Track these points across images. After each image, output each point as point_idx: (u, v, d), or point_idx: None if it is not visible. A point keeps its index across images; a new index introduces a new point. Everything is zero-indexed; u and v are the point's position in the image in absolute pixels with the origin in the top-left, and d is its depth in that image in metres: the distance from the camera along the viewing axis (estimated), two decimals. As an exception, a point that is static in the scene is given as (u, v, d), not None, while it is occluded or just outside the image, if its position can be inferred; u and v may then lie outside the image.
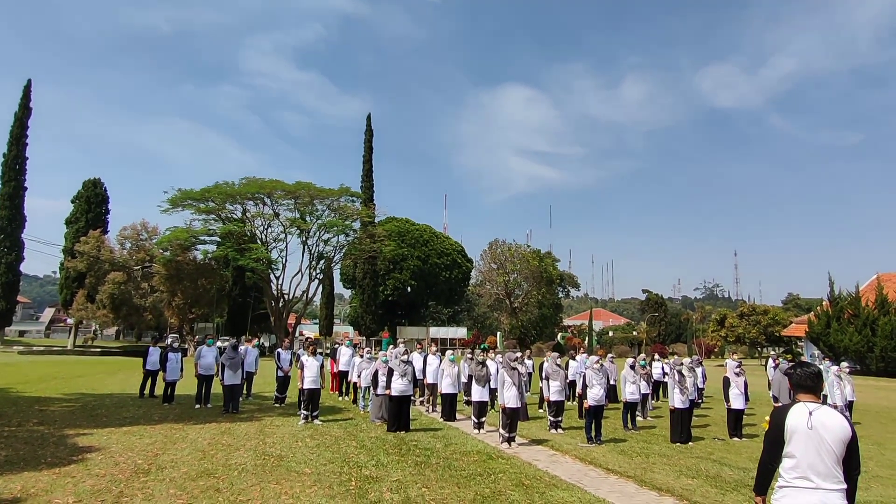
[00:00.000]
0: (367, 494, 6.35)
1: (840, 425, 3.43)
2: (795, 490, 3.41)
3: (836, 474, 3.37)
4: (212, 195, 41.28)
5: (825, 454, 3.38)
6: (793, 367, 3.75)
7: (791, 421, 3.51)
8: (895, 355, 31.85)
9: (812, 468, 3.39)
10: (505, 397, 9.63)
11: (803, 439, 3.44)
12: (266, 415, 12.39)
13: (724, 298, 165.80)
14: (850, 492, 3.41)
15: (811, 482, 3.37)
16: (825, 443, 3.39)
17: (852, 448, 3.41)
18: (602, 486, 7.17)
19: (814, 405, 3.54)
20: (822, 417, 3.46)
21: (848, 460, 3.40)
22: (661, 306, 66.40)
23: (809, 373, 3.64)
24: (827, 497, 3.33)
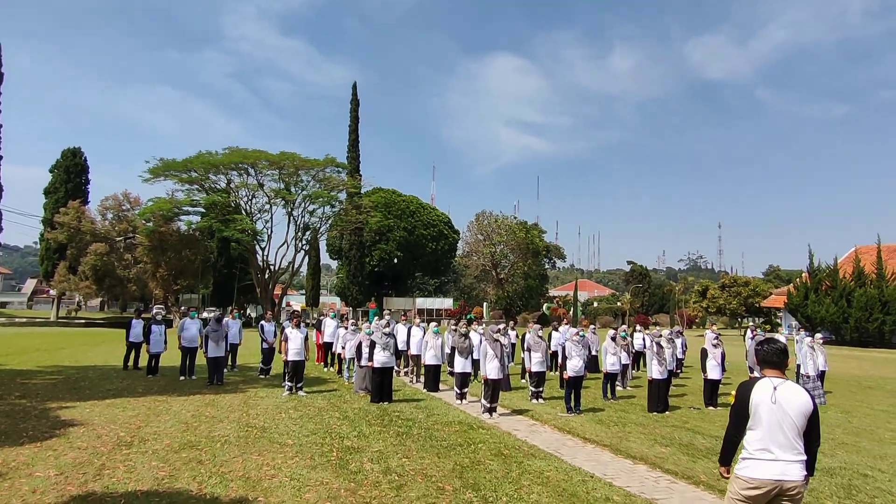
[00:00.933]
0: (347, 465, 6.47)
1: (802, 400, 3.55)
2: (757, 461, 3.55)
3: (797, 446, 3.51)
4: (194, 165, 40.58)
5: (787, 427, 3.51)
6: (760, 344, 3.86)
7: (755, 395, 3.64)
8: (868, 326, 32.70)
9: (774, 440, 3.52)
10: (487, 368, 9.77)
11: (766, 413, 3.56)
12: (250, 386, 12.48)
13: (707, 270, 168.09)
14: (810, 462, 3.57)
15: (772, 454, 3.51)
16: (787, 417, 3.51)
17: (813, 421, 3.55)
18: (578, 455, 7.36)
19: (778, 380, 3.66)
20: (785, 392, 3.58)
21: (809, 433, 3.55)
22: (644, 277, 67.23)
23: (775, 349, 3.75)
24: (787, 468, 3.48)
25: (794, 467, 3.49)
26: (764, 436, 3.57)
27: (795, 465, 3.50)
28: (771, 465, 3.51)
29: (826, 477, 6.72)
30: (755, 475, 3.53)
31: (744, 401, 3.69)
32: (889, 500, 5.91)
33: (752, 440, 3.63)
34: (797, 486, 3.47)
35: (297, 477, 5.97)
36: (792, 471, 3.49)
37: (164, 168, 40.34)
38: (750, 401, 3.65)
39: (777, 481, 3.47)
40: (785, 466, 3.49)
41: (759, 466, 3.54)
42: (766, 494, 3.51)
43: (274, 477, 5.97)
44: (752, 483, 3.53)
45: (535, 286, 64.41)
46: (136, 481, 5.67)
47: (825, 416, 10.85)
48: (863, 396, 13.96)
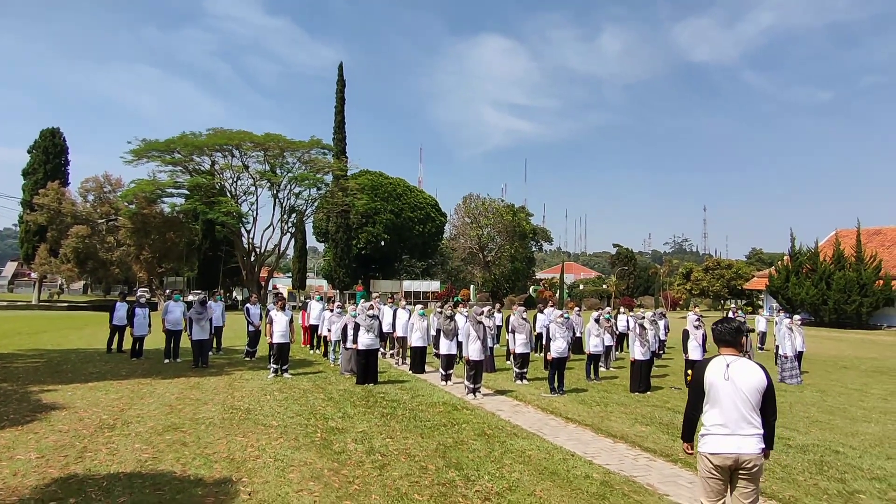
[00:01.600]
0: (331, 445, 6.52)
1: (755, 376, 3.67)
2: (715, 437, 3.69)
3: (752, 421, 3.63)
4: (177, 146, 39.93)
5: (740, 403, 3.63)
6: (716, 323, 3.97)
7: (709, 374, 3.76)
8: (846, 308, 33.39)
9: (728, 416, 3.65)
10: (470, 350, 9.86)
11: (720, 390, 3.69)
12: (236, 369, 12.47)
13: (692, 253, 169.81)
14: (768, 435, 3.71)
15: (728, 429, 3.65)
16: (740, 392, 3.63)
17: (768, 396, 3.68)
18: (560, 435, 7.49)
19: (732, 358, 3.77)
20: (738, 369, 3.70)
21: (765, 407, 3.68)
22: (630, 260, 67.83)
23: (729, 328, 3.86)
24: (743, 442, 3.61)
25: (749, 441, 3.62)
26: (719, 412, 3.70)
27: (751, 439, 3.63)
28: (727, 439, 3.65)
29: (800, 454, 6.91)
30: (713, 450, 3.67)
31: (699, 379, 3.83)
32: (858, 476, 6.09)
33: (709, 417, 3.77)
34: (753, 459, 3.61)
35: (282, 457, 6.02)
36: (748, 445, 3.62)
37: (147, 149, 39.64)
38: (705, 379, 3.77)
39: (734, 455, 3.61)
40: (740, 440, 3.62)
41: (716, 441, 3.68)
42: (726, 468, 3.66)
43: (258, 458, 6.00)
44: (713, 458, 3.67)
45: (522, 269, 64.74)
46: (118, 463, 5.68)
47: (801, 396, 11.13)
48: (838, 376, 14.31)
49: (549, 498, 5.05)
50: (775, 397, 3.81)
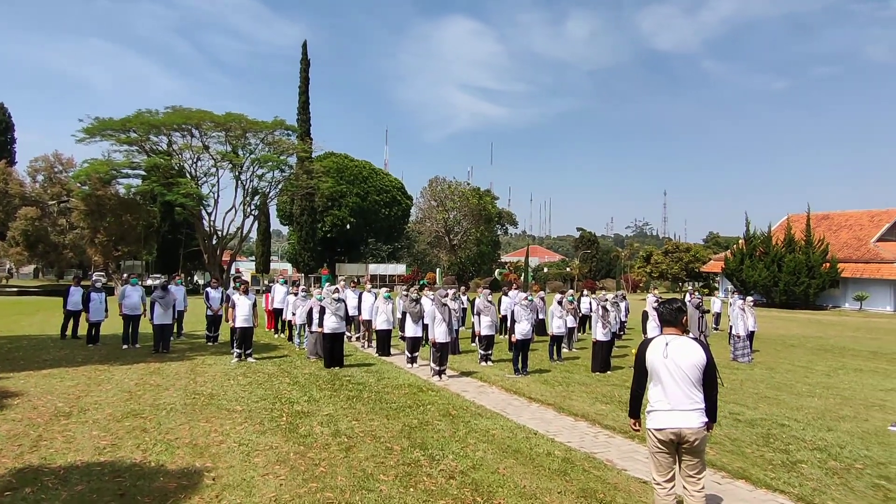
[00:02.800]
0: (297, 429, 6.52)
1: (694, 353, 3.85)
2: (658, 413, 3.89)
3: (693, 396, 3.83)
4: (133, 125, 38.36)
5: (680, 380, 3.82)
6: (660, 304, 4.14)
7: (650, 353, 3.95)
8: (796, 289, 34.89)
9: (670, 393, 3.85)
10: (435, 332, 9.95)
11: (662, 368, 3.87)
12: (198, 354, 12.26)
13: (652, 236, 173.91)
14: (710, 409, 3.90)
15: (670, 405, 3.85)
16: (680, 369, 3.82)
17: (707, 371, 3.87)
18: (523, 414, 7.67)
19: (672, 337, 3.94)
20: (677, 347, 3.88)
21: (705, 383, 3.87)
22: (593, 244, 69.04)
23: (671, 308, 4.03)
24: (685, 416, 3.81)
25: (691, 416, 3.82)
26: (662, 390, 3.90)
27: (693, 413, 3.83)
28: (669, 415, 3.84)
29: (748, 427, 7.26)
30: (658, 426, 3.87)
31: (641, 358, 4.03)
32: (801, 447, 6.45)
33: (652, 394, 3.96)
34: (695, 433, 3.80)
35: (246, 442, 5.99)
36: (689, 419, 3.82)
37: (100, 127, 37.97)
38: (646, 358, 3.95)
39: (677, 429, 3.80)
40: (682, 416, 3.82)
41: (660, 417, 3.87)
42: (671, 443, 3.87)
43: (222, 443, 5.96)
44: (658, 433, 3.87)
45: (488, 252, 65.17)
46: (75, 451, 5.55)
47: (752, 373, 11.64)
48: (786, 354, 15.01)
49: (513, 475, 5.20)
50: (715, 373, 4.00)
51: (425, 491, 4.75)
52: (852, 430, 7.31)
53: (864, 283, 35.29)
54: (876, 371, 12.49)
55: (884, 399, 9.34)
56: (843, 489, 5.14)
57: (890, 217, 38.60)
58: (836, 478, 5.43)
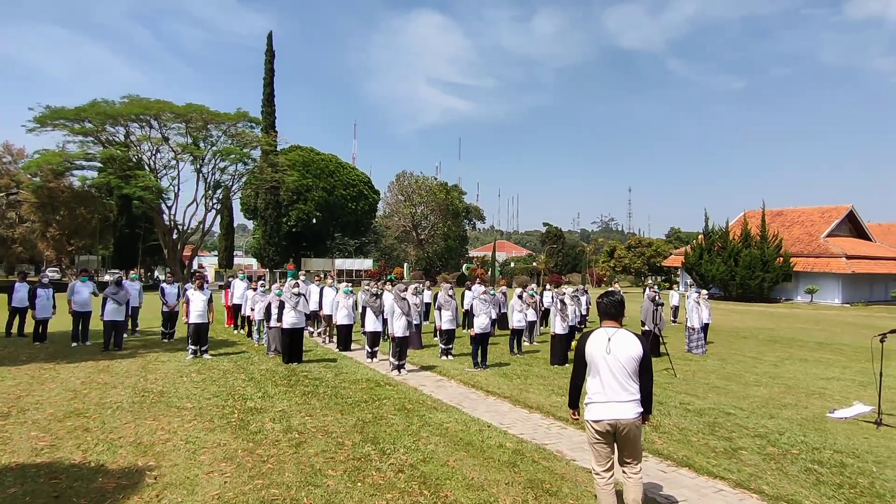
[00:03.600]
0: (248, 425, 6.42)
1: (631, 345, 3.96)
2: (596, 405, 3.97)
3: (629, 388, 3.93)
4: (88, 114, 37.01)
5: (618, 371, 3.92)
6: (600, 297, 4.22)
7: (591, 346, 4.02)
8: (751, 283, 36.08)
9: (608, 384, 3.94)
10: (394, 327, 9.92)
11: (601, 361, 3.96)
12: (151, 351, 11.94)
13: (617, 231, 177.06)
14: (645, 400, 4.02)
15: (607, 396, 3.93)
16: (618, 361, 3.92)
17: (643, 363, 4.00)
18: (479, 407, 7.72)
19: (613, 330, 4.03)
20: (617, 340, 3.97)
21: (641, 374, 3.99)
22: (559, 239, 69.90)
23: (611, 301, 4.12)
24: (621, 408, 3.91)
25: (626, 407, 3.92)
26: (599, 381, 3.98)
27: (628, 405, 3.93)
28: (606, 406, 3.93)
29: (696, 417, 7.48)
30: (595, 417, 3.95)
31: (581, 351, 4.10)
32: (744, 434, 6.68)
33: (591, 386, 4.04)
34: (630, 424, 3.91)
35: (194, 440, 5.87)
36: (625, 410, 3.92)
37: (53, 117, 36.48)
38: (585, 350, 4.02)
39: (613, 420, 3.90)
40: (618, 407, 3.92)
41: (597, 409, 3.96)
42: (608, 433, 3.96)
43: (168, 441, 5.82)
44: (595, 425, 3.95)
45: (455, 247, 65.29)
46: (10, 453, 5.34)
47: (704, 364, 11.99)
48: (738, 345, 15.51)
49: (462, 467, 5.23)
50: (651, 365, 4.12)
51: (373, 485, 4.74)
52: (792, 417, 7.61)
53: (815, 277, 36.73)
54: (820, 361, 13.02)
55: (824, 387, 9.74)
56: (778, 474, 5.34)
57: (839, 213, 40.25)
58: (772, 463, 5.64)
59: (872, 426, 7.20)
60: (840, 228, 40.17)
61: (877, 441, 6.57)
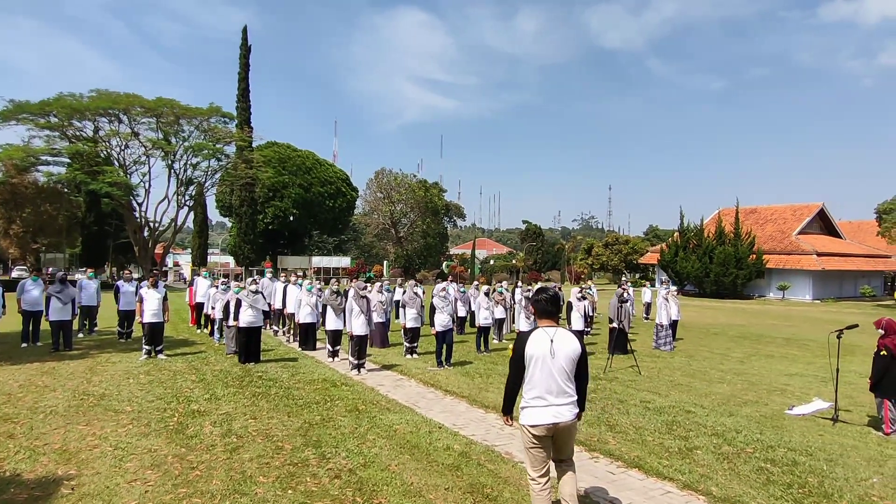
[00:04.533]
0: (186, 430, 6.11)
1: (571, 346, 3.79)
2: (534, 408, 3.77)
3: (567, 389, 3.77)
4: (53, 108, 35.91)
5: (558, 374, 3.73)
6: (535, 293, 4.01)
7: (531, 346, 3.79)
8: (725, 280, 36.47)
9: (546, 388, 3.74)
10: (353, 325, 9.65)
11: (541, 363, 3.75)
12: (105, 352, 11.50)
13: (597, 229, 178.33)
14: (581, 400, 3.88)
15: (546, 400, 3.74)
16: (558, 364, 3.73)
17: (581, 363, 3.84)
18: (435, 408, 7.50)
19: (552, 330, 3.83)
20: (559, 341, 3.77)
21: (578, 374, 3.84)
22: (538, 236, 70.03)
23: (548, 297, 3.91)
24: (559, 410, 3.73)
25: (565, 409, 3.76)
26: (539, 384, 3.77)
27: (566, 406, 3.77)
28: (546, 410, 3.74)
29: (655, 415, 7.35)
30: (534, 421, 3.75)
31: (520, 352, 3.85)
32: (701, 433, 6.56)
33: (528, 389, 3.82)
34: (568, 425, 3.77)
35: (123, 445, 5.55)
36: (563, 412, 3.75)
37: (16, 111, 35.27)
38: (525, 352, 3.80)
39: (552, 424, 3.72)
40: (557, 409, 3.74)
41: (536, 413, 3.76)
42: (547, 438, 3.78)
43: (96, 447, 5.50)
44: (533, 429, 3.75)
45: (435, 244, 65.01)
46: (-82, 462, 4.98)
47: (671, 361, 11.93)
48: (707, 342, 15.53)
49: (403, 472, 5.00)
50: (588, 363, 3.96)
51: (304, 492, 4.49)
52: (751, 414, 7.53)
53: (787, 274, 37.26)
54: (785, 357, 13.07)
55: (786, 384, 9.72)
56: (730, 474, 5.21)
57: (810, 211, 40.90)
58: (725, 463, 5.52)
59: (829, 423, 7.15)
60: (811, 226, 40.82)
61: (831, 438, 6.50)
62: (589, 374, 3.95)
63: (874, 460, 5.74)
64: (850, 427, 7.00)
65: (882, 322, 6.96)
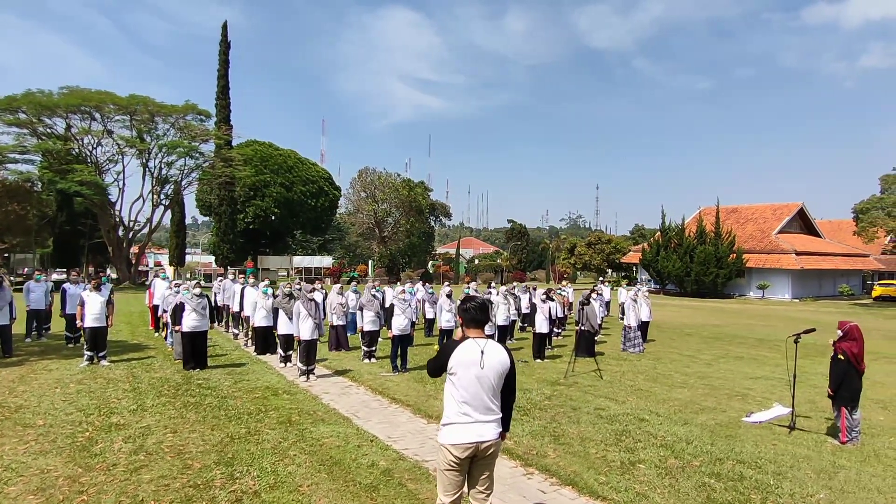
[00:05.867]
0: (93, 446, 5.66)
1: (500, 360, 3.44)
2: (457, 426, 3.41)
3: (493, 406, 3.43)
4: (22, 105, 35.06)
5: (485, 390, 3.39)
6: (462, 302, 3.63)
7: (461, 357, 3.42)
8: (705, 279, 36.41)
9: (472, 404, 3.39)
10: (301, 329, 9.22)
11: (472, 375, 3.38)
12: (46, 358, 10.95)
13: (585, 228, 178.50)
14: (506, 418, 3.56)
15: (470, 417, 3.39)
16: (487, 379, 3.39)
17: (509, 379, 3.52)
18: (374, 418, 7.10)
19: (483, 341, 3.48)
20: (490, 354, 3.43)
21: (505, 389, 3.52)
22: (523, 235, 69.89)
23: (476, 305, 3.54)
24: (483, 429, 3.39)
25: (489, 427, 3.43)
26: (464, 399, 3.41)
27: (491, 425, 3.44)
28: (469, 428, 3.40)
29: (606, 424, 7.01)
30: (455, 440, 3.38)
31: (444, 359, 3.47)
32: (649, 444, 6.22)
33: (452, 404, 3.44)
34: (492, 445, 3.43)
35: (16, 466, 5.09)
36: (487, 431, 3.42)
37: (-19, 107, 34.43)
38: (451, 362, 3.42)
39: (475, 443, 3.37)
40: (481, 428, 3.40)
41: (460, 430, 3.40)
42: (467, 459, 3.42)
43: (-15, 468, 5.03)
44: (454, 449, 3.37)
45: (420, 244, 64.57)
46: None
47: (637, 364, 11.62)
48: (679, 343, 15.26)
49: (313, 494, 4.60)
50: (515, 379, 3.60)
51: (194, 520, 4.07)
52: (706, 422, 7.21)
53: (766, 273, 37.29)
54: (755, 359, 12.82)
55: (749, 388, 9.44)
56: (669, 491, 4.87)
57: (790, 210, 40.99)
58: (667, 479, 5.17)
59: (785, 430, 6.85)
60: (791, 225, 40.91)
61: (784, 447, 6.19)
62: (516, 391, 3.57)
63: (825, 472, 5.43)
64: (806, 435, 6.71)
65: (846, 325, 6.67)
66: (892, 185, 33.27)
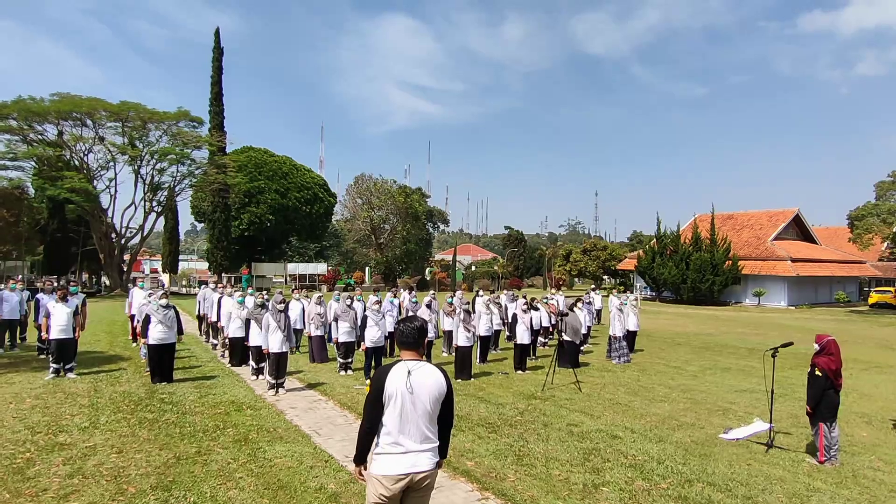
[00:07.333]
0: (28, 469, 5.38)
1: (436, 384, 3.21)
2: (388, 456, 3.15)
3: (429, 434, 3.20)
4: (12, 111, 34.89)
5: (420, 416, 3.15)
6: (398, 323, 3.40)
7: (391, 383, 3.16)
8: (701, 286, 36.12)
9: (405, 431, 3.14)
10: (269, 341, 8.95)
11: (401, 402, 3.14)
12: (13, 370, 10.66)
13: (584, 235, 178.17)
14: (444, 446, 3.32)
15: (403, 446, 3.14)
16: (420, 403, 3.15)
17: (446, 404, 3.28)
18: (336, 435, 6.82)
19: (413, 363, 3.23)
20: (419, 377, 3.19)
21: (443, 416, 3.28)
22: (521, 242, 69.64)
23: (411, 328, 3.32)
24: (417, 458, 3.14)
25: (424, 457, 3.17)
26: (396, 427, 3.15)
27: (426, 454, 3.18)
28: (402, 458, 3.13)
29: (577, 441, 6.74)
30: (387, 471, 3.11)
31: (379, 390, 3.20)
32: (618, 464, 5.95)
33: (384, 433, 3.18)
34: (427, 475, 3.17)
35: (-59, 491, 4.81)
36: (422, 461, 3.16)
37: (-29, 114, 34.25)
38: (385, 390, 3.17)
39: (407, 475, 3.11)
40: (415, 458, 3.14)
41: (391, 461, 3.13)
42: (398, 492, 3.13)
43: None
44: (385, 480, 3.10)
45: (417, 250, 64.29)
46: None
47: (621, 376, 11.34)
48: (668, 353, 14.97)
49: (249, 522, 4.32)
50: (453, 404, 3.34)
51: (111, 555, 3.79)
52: (682, 439, 6.94)
53: (762, 280, 37.00)
54: (742, 370, 12.55)
55: (732, 402, 9.16)
56: (629, 519, 4.59)
57: (786, 217, 40.75)
58: (630, 503, 4.89)
59: (762, 448, 6.58)
60: (787, 232, 40.67)
61: (759, 468, 5.92)
62: (454, 417, 3.33)
63: (797, 496, 5.16)
64: (783, 454, 6.43)
65: (824, 339, 6.41)
66: (888, 192, 33.05)
